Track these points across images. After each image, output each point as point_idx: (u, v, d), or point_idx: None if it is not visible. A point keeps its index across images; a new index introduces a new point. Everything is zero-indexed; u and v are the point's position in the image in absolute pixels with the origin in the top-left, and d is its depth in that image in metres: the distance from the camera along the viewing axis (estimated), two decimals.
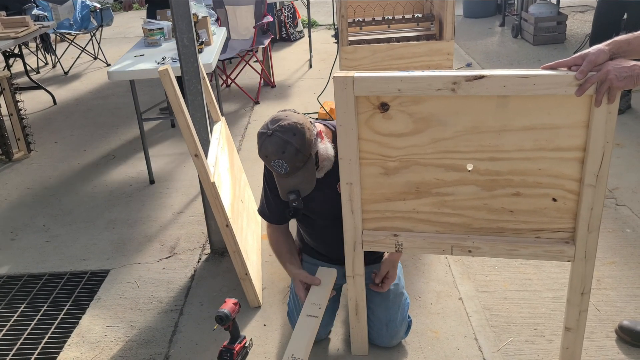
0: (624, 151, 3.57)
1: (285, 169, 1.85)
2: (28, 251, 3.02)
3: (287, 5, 7.07)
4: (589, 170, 1.62)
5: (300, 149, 1.83)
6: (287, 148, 1.82)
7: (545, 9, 6.14)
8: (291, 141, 1.82)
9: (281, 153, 1.82)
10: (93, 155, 4.19)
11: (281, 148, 1.82)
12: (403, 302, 2.17)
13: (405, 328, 2.18)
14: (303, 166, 1.87)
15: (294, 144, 1.82)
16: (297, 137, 1.83)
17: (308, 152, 1.86)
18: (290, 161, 1.83)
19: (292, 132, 1.83)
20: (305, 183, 1.89)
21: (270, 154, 1.84)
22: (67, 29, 6.54)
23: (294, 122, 1.85)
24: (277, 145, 1.82)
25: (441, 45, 3.13)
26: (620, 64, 1.52)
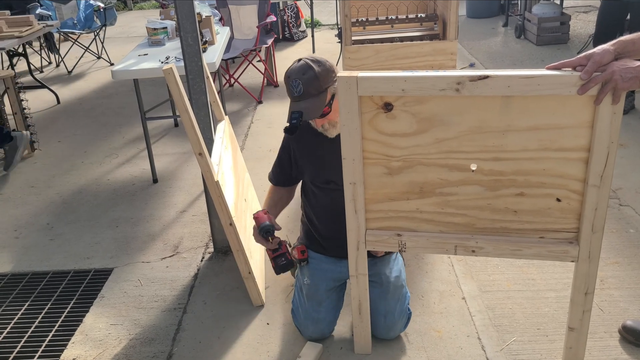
0: (628, 151, 3.57)
1: (299, 91, 2.00)
2: (32, 249, 3.03)
3: (290, 5, 7.08)
4: (594, 170, 1.62)
5: (319, 77, 1.99)
6: (307, 72, 1.99)
7: (548, 9, 6.14)
8: (314, 67, 2.00)
9: (301, 74, 1.99)
10: (96, 154, 4.20)
11: (302, 70, 2.00)
12: (402, 295, 2.19)
13: (405, 321, 2.20)
14: (315, 95, 2.00)
15: (315, 71, 1.99)
16: (320, 68, 2.00)
17: (325, 85, 2.01)
18: (305, 84, 1.98)
19: (318, 63, 2.02)
20: (311, 110, 2.01)
21: (291, 73, 2.02)
22: (71, 29, 6.55)
23: (324, 59, 2.05)
24: (301, 67, 2.01)
25: (445, 45, 3.13)
26: (626, 65, 1.52)
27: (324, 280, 2.21)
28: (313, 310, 2.18)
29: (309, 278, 2.23)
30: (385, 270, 2.19)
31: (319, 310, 2.18)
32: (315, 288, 2.21)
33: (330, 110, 2.04)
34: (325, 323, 2.20)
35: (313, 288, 2.21)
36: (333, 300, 2.22)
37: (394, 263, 2.23)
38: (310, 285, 2.22)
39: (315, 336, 2.21)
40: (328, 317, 2.20)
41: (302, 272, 2.27)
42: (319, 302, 2.19)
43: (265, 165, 3.79)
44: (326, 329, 2.21)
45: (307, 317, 2.19)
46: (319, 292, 2.20)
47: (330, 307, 2.21)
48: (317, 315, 2.18)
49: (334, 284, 2.24)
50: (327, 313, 2.20)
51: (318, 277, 2.22)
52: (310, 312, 2.19)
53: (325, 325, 2.20)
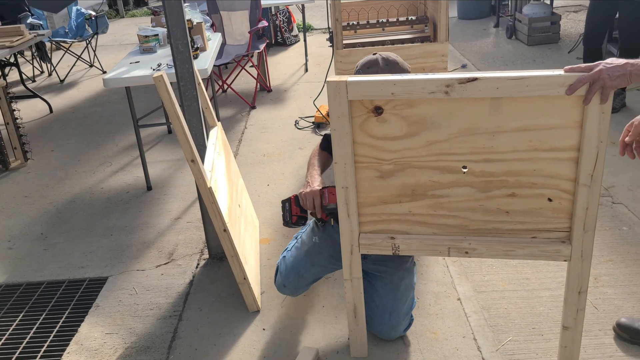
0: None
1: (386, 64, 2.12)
2: (26, 260, 3.02)
3: (282, 10, 7.09)
4: (584, 170, 1.63)
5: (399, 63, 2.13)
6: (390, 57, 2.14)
7: (538, 10, 6.17)
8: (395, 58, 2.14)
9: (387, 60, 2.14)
10: (90, 163, 4.19)
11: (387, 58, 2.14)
12: (410, 298, 2.22)
13: (406, 325, 2.22)
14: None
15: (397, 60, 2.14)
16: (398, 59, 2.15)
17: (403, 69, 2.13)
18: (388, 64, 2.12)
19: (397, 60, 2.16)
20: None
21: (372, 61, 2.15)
22: (63, 37, 6.54)
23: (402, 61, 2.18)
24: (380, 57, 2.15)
25: (435, 47, 3.15)
26: (612, 63, 1.53)
27: (328, 249, 2.26)
28: (302, 266, 2.28)
29: (319, 240, 2.29)
30: (400, 270, 2.22)
31: (308, 269, 2.28)
32: (319, 251, 2.27)
33: None
34: (305, 282, 2.32)
35: (317, 250, 2.28)
36: (324, 270, 2.31)
37: (411, 265, 2.27)
38: (317, 246, 2.28)
39: (289, 287, 2.32)
40: (309, 278, 2.31)
41: (314, 231, 2.32)
42: (313, 264, 2.28)
43: (259, 170, 3.79)
44: (301, 288, 2.34)
45: (294, 268, 2.29)
46: (319, 256, 2.27)
47: (317, 272, 2.31)
48: (304, 272, 2.29)
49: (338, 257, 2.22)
50: (313, 276, 2.31)
51: (327, 244, 2.26)
52: (298, 267, 2.29)
53: (303, 283, 2.32)
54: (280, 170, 3.77)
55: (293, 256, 2.33)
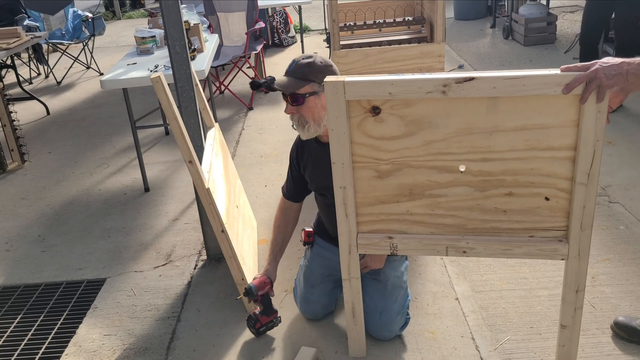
0: (616, 149, 3.60)
1: (289, 67, 2.06)
2: (23, 262, 3.01)
3: (279, 11, 7.10)
4: (580, 168, 1.64)
5: (311, 66, 2.03)
6: (307, 59, 2.05)
7: (535, 10, 6.19)
8: (315, 59, 2.05)
9: (302, 58, 2.06)
10: (87, 165, 4.18)
11: (306, 57, 2.06)
12: (401, 296, 2.22)
13: (402, 323, 2.22)
14: (298, 77, 2.03)
15: (313, 61, 2.04)
16: (320, 64, 2.04)
17: (311, 76, 2.03)
18: (298, 66, 2.04)
19: (324, 61, 2.06)
20: (284, 84, 2.03)
21: (297, 56, 2.09)
22: (59, 39, 6.54)
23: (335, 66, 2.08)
24: (307, 55, 2.08)
25: (432, 48, 3.16)
26: (609, 62, 1.54)
27: (320, 267, 2.32)
28: (306, 291, 2.32)
29: (309, 261, 2.37)
30: (386, 268, 2.23)
31: (312, 292, 2.31)
32: (311, 271, 2.34)
33: (303, 104, 2.03)
34: (318, 305, 2.32)
35: (309, 271, 2.34)
36: (328, 287, 2.31)
37: (398, 263, 2.28)
38: (308, 267, 2.35)
39: (309, 315, 2.35)
40: (321, 300, 2.31)
41: (305, 254, 2.40)
42: (312, 285, 2.32)
43: (257, 171, 3.79)
44: (318, 311, 2.34)
45: (302, 296, 2.34)
46: (313, 276, 2.33)
47: (324, 292, 2.31)
48: (309, 296, 2.32)
49: (330, 272, 2.31)
50: (320, 296, 2.31)
51: (316, 262, 2.34)
52: (304, 293, 2.33)
53: (318, 307, 2.32)
54: (278, 171, 3.77)
55: (297, 286, 2.40)
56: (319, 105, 2.05)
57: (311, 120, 2.06)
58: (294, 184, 2.35)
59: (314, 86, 2.03)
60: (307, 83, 2.02)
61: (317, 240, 2.39)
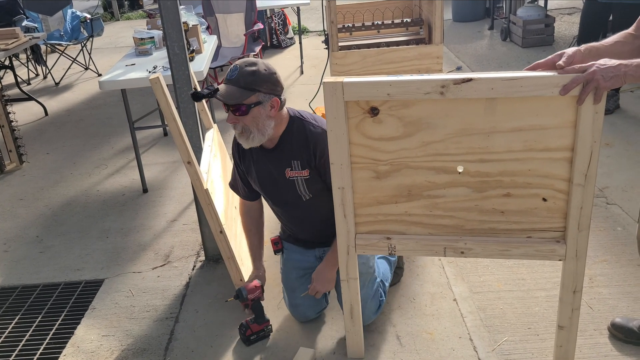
0: (613, 150, 3.61)
1: (231, 76, 1.95)
2: (22, 262, 3.01)
3: (278, 13, 7.10)
4: (578, 169, 1.64)
5: (256, 76, 1.94)
6: (251, 66, 1.95)
7: (533, 12, 6.20)
8: (260, 67, 1.95)
9: (245, 65, 1.95)
10: (85, 165, 4.18)
11: (249, 63, 1.96)
12: (369, 281, 2.25)
13: (375, 308, 2.28)
14: (242, 87, 1.94)
15: (258, 69, 1.95)
16: (265, 72, 1.95)
17: (256, 86, 1.94)
18: (242, 74, 1.94)
19: (268, 69, 1.97)
20: (227, 94, 1.95)
21: (240, 62, 1.97)
22: (58, 40, 6.53)
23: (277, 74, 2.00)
24: (251, 61, 1.97)
25: (430, 49, 3.16)
26: (606, 64, 1.54)
27: (293, 270, 2.35)
28: (290, 297, 2.35)
29: (282, 267, 2.41)
30: None
31: (295, 297, 2.33)
32: (287, 277, 2.37)
33: (247, 114, 1.96)
34: (305, 307, 2.33)
35: (285, 276, 2.39)
36: (306, 287, 2.31)
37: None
38: (283, 273, 2.40)
39: (301, 319, 2.36)
40: (306, 301, 2.32)
41: (280, 261, 2.44)
42: (292, 289, 2.33)
43: None
44: (308, 312, 2.34)
45: (288, 303, 2.37)
46: (289, 281, 2.35)
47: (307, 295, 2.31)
48: (294, 301, 2.33)
49: (305, 272, 2.34)
50: (304, 298, 2.31)
51: (289, 266, 2.37)
52: (288, 299, 2.36)
53: (304, 309, 2.33)
54: None
55: (284, 295, 2.41)
56: (263, 114, 1.98)
57: (255, 130, 2.00)
58: (244, 184, 2.33)
59: (259, 96, 1.95)
60: (252, 93, 1.94)
61: (285, 245, 2.40)
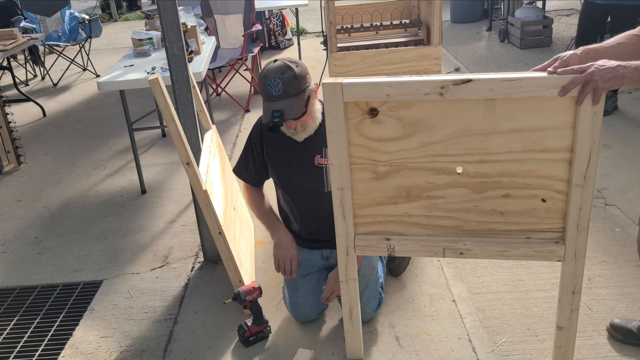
0: (612, 152, 3.61)
1: (279, 91, 1.97)
2: (20, 264, 3.00)
3: (276, 14, 7.10)
4: (577, 170, 1.65)
5: (298, 78, 1.99)
6: (287, 72, 1.98)
7: (531, 13, 6.21)
8: (293, 68, 2.00)
9: (280, 74, 1.98)
10: (84, 167, 4.18)
11: (281, 70, 1.99)
12: (372, 281, 2.28)
13: (375, 306, 2.30)
14: (294, 95, 1.99)
15: (294, 71, 1.99)
16: (298, 69, 2.01)
17: (303, 86, 2.01)
18: (285, 84, 1.97)
19: (296, 64, 2.03)
20: (291, 109, 1.99)
21: (269, 73, 1.99)
22: (56, 41, 6.52)
23: (300, 61, 2.07)
24: (279, 67, 2.00)
25: (429, 51, 3.17)
26: (605, 65, 1.54)
27: (298, 269, 2.32)
28: (292, 296, 2.34)
29: None
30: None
31: (297, 296, 2.32)
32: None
33: (306, 112, 2.06)
34: (306, 307, 2.32)
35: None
36: (311, 286, 2.33)
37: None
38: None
39: (301, 319, 2.35)
40: (308, 301, 2.32)
41: None
42: (295, 288, 2.33)
43: None
44: (309, 312, 2.33)
45: (290, 302, 2.35)
46: (292, 280, 2.33)
47: (309, 292, 2.32)
48: (296, 300, 2.32)
49: (308, 271, 2.34)
50: (306, 298, 2.31)
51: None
52: (291, 298, 2.34)
53: (306, 309, 2.32)
54: None
55: (285, 294, 2.40)
56: (315, 104, 2.11)
57: (310, 120, 2.10)
58: (256, 169, 2.32)
59: (307, 92, 2.04)
60: (303, 94, 2.02)
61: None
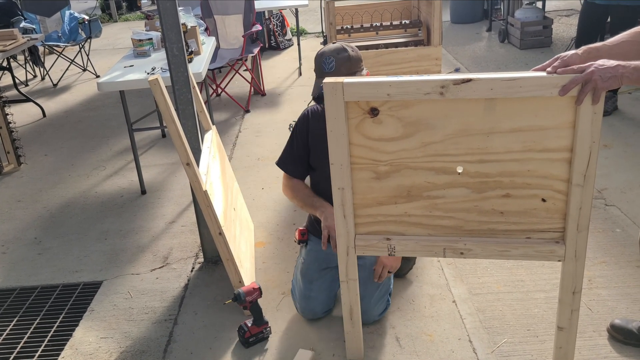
0: (612, 152, 3.61)
1: (331, 68, 2.16)
2: (20, 264, 3.00)
3: (276, 14, 7.11)
4: (577, 170, 1.65)
5: (351, 60, 2.16)
6: (342, 53, 2.17)
7: (531, 14, 6.21)
8: (348, 50, 2.17)
9: (336, 54, 2.17)
10: (84, 167, 4.17)
11: (337, 50, 2.17)
12: (383, 283, 2.28)
13: (382, 310, 2.31)
14: (345, 74, 2.15)
15: (349, 53, 2.17)
16: (353, 53, 2.18)
17: (354, 69, 2.17)
18: (338, 63, 2.15)
19: (352, 48, 2.19)
20: None
21: (326, 51, 2.19)
22: (56, 41, 6.52)
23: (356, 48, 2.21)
24: (336, 48, 2.18)
25: (429, 51, 3.17)
26: (604, 65, 1.54)
27: (316, 261, 2.33)
28: (305, 288, 2.32)
29: (304, 258, 2.38)
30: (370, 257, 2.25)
31: (310, 289, 2.31)
32: (307, 267, 2.35)
33: None
34: (317, 302, 2.32)
35: (305, 267, 2.36)
36: (325, 281, 2.33)
37: None
38: (304, 264, 2.37)
39: (308, 314, 2.35)
40: (320, 296, 2.31)
41: (301, 253, 2.44)
42: (310, 280, 2.32)
43: (254, 174, 3.79)
44: (318, 308, 2.33)
45: (300, 294, 2.34)
46: (310, 271, 2.34)
47: (322, 287, 2.32)
48: (308, 293, 2.32)
49: (327, 265, 2.34)
50: (319, 292, 2.31)
51: (312, 257, 2.36)
52: (302, 290, 2.33)
53: (316, 304, 2.32)
54: (275, 173, 3.77)
55: (295, 286, 2.41)
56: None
57: None
58: (299, 162, 2.35)
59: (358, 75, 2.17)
60: (354, 74, 2.17)
61: (312, 239, 2.41)
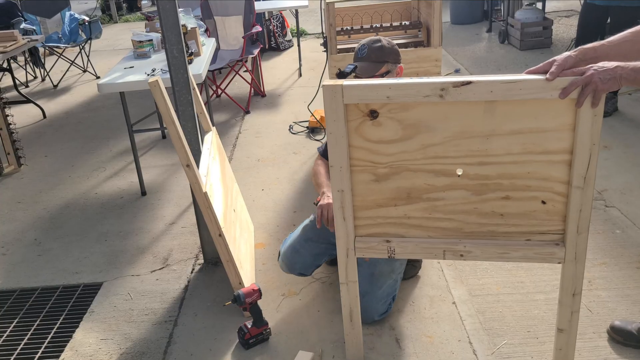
0: (612, 153, 3.61)
1: (363, 54, 2.35)
2: (20, 266, 3.00)
3: (276, 15, 7.11)
4: (577, 172, 1.65)
5: (383, 49, 2.34)
6: (376, 43, 2.36)
7: (531, 15, 6.22)
8: (383, 41, 2.36)
9: (371, 43, 2.36)
10: (84, 168, 4.18)
11: (374, 41, 2.37)
12: (388, 285, 2.29)
13: (382, 311, 2.31)
14: (374, 61, 2.33)
15: (383, 43, 2.35)
16: (388, 44, 2.36)
17: (385, 58, 2.35)
18: (370, 50, 2.34)
19: (388, 42, 2.37)
20: (364, 69, 2.34)
21: (365, 41, 2.39)
22: (56, 43, 6.53)
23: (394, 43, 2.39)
24: (374, 39, 2.38)
25: (429, 52, 3.17)
26: (604, 67, 1.54)
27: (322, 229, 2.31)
28: (298, 242, 2.41)
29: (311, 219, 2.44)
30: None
31: (303, 245, 2.40)
32: (312, 227, 2.41)
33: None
34: (300, 259, 2.40)
35: (310, 225, 2.43)
36: (317, 248, 2.39)
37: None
38: (312, 222, 2.43)
39: (286, 265, 2.43)
40: (305, 257, 2.39)
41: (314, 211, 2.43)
42: (307, 239, 2.41)
43: (254, 175, 3.80)
44: (298, 265, 2.41)
45: (292, 245, 2.43)
46: (310, 231, 2.40)
47: (313, 251, 2.39)
48: (299, 247, 2.41)
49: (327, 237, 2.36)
50: (307, 253, 2.39)
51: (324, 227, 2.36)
52: (295, 242, 2.42)
53: (299, 260, 2.40)
54: (275, 175, 3.77)
55: (292, 235, 2.49)
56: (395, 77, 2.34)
57: None
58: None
59: (388, 66, 2.35)
60: (382, 65, 2.33)
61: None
